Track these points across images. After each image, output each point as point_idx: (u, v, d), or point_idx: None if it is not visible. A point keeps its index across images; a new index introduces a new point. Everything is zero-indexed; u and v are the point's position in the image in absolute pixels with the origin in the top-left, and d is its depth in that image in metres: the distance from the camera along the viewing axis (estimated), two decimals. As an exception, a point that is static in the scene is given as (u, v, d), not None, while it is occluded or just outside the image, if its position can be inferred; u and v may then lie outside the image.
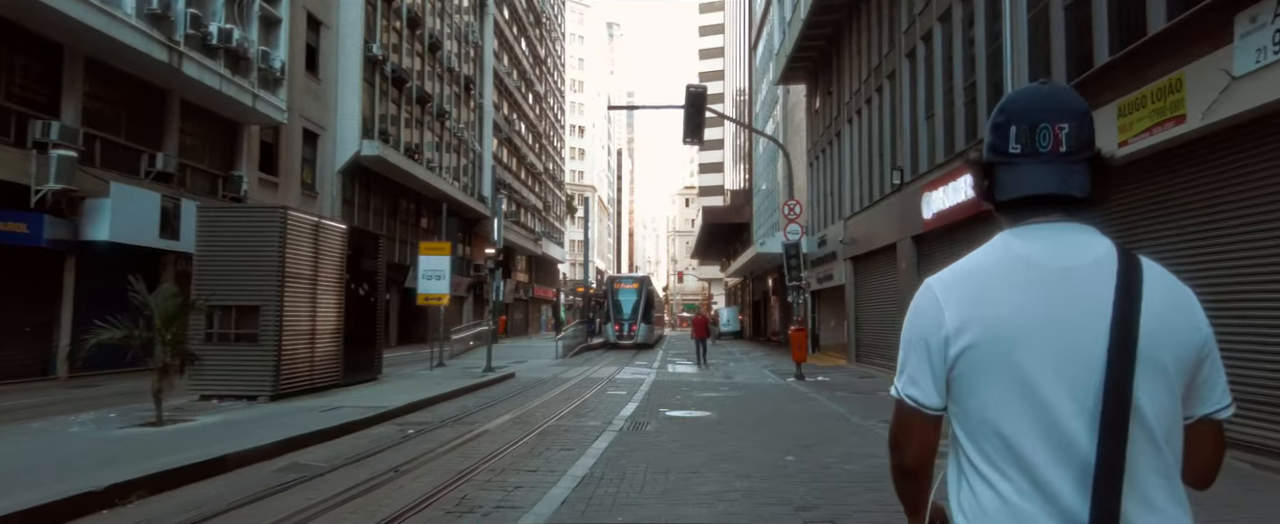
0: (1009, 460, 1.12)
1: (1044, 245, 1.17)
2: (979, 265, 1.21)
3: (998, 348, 1.13)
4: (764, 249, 27.92)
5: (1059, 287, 1.13)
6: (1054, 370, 1.10)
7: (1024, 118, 1.19)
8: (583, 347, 28.64)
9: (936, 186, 14.15)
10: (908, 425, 1.23)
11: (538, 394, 13.10)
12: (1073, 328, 1.11)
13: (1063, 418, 1.10)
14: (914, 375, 1.21)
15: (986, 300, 1.15)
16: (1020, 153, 1.18)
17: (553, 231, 64.03)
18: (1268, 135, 6.40)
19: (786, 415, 10.24)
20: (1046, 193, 1.17)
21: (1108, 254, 1.16)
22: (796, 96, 31.04)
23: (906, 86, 16.45)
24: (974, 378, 1.15)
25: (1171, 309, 1.12)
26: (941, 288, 1.21)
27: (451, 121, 35.58)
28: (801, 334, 16.41)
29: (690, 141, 16.01)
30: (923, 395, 1.20)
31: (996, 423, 1.13)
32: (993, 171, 1.23)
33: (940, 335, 1.17)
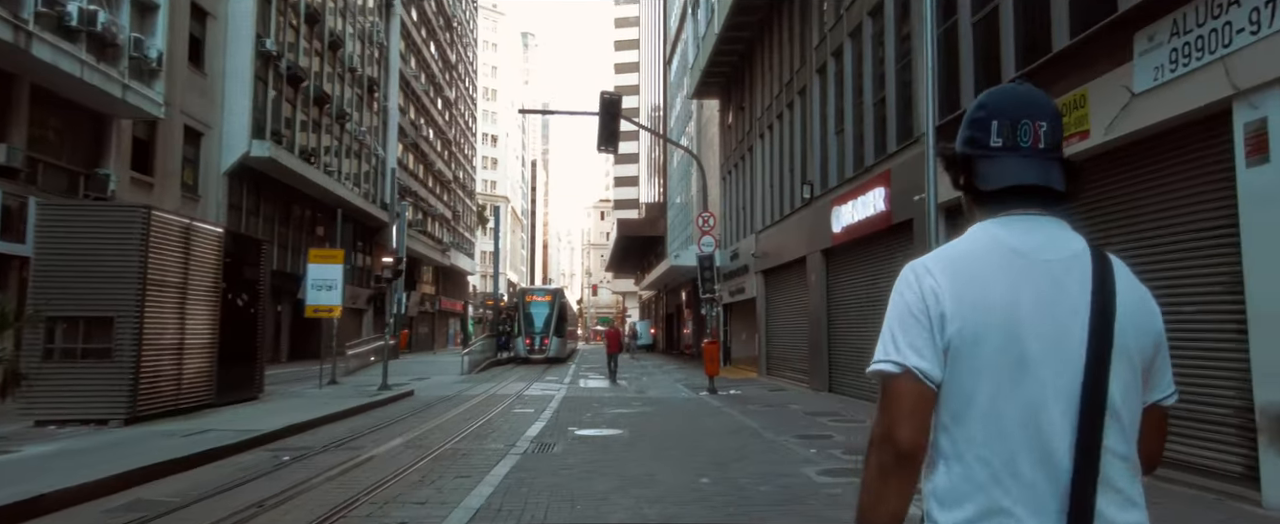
0: (988, 444, 1.12)
1: (1028, 236, 1.19)
2: (968, 251, 1.20)
3: (988, 331, 1.13)
4: (678, 262, 27.82)
5: (1044, 276, 1.15)
6: (1036, 358, 1.12)
7: (1006, 114, 1.21)
8: (491, 362, 27.60)
9: (846, 201, 14.28)
10: (907, 403, 1.14)
11: (437, 414, 12.24)
12: (1056, 317, 1.13)
13: (1044, 402, 1.11)
14: (918, 346, 1.15)
15: (978, 284, 1.15)
16: (1002, 147, 1.21)
17: (462, 242, 62.18)
18: (1166, 150, 6.54)
19: (700, 432, 9.87)
20: (1031, 184, 1.19)
21: (1083, 249, 1.19)
22: (710, 112, 31.27)
23: (817, 102, 16.65)
24: (963, 359, 1.14)
25: (1137, 303, 1.17)
26: (937, 266, 1.19)
27: (352, 124, 33.87)
28: (714, 347, 16.21)
29: (605, 149, 15.60)
30: (929, 366, 1.14)
31: (980, 406, 1.13)
32: (971, 164, 1.24)
33: (938, 311, 1.15)
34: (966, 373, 1.14)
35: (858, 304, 14.13)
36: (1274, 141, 5.37)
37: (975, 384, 1.13)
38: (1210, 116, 5.94)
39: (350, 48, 33.70)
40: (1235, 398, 5.82)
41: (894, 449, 1.13)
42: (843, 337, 15.04)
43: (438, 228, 51.80)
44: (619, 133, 15.59)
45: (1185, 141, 6.32)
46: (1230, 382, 5.86)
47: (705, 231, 17.31)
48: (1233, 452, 5.85)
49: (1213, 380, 6.04)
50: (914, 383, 1.14)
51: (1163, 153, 6.57)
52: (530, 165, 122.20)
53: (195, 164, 22.00)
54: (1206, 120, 6.00)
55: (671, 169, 43.78)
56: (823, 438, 9.25)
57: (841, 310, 15.13)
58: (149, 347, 9.40)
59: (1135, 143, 6.80)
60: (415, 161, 46.12)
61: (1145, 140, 6.69)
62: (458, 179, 60.12)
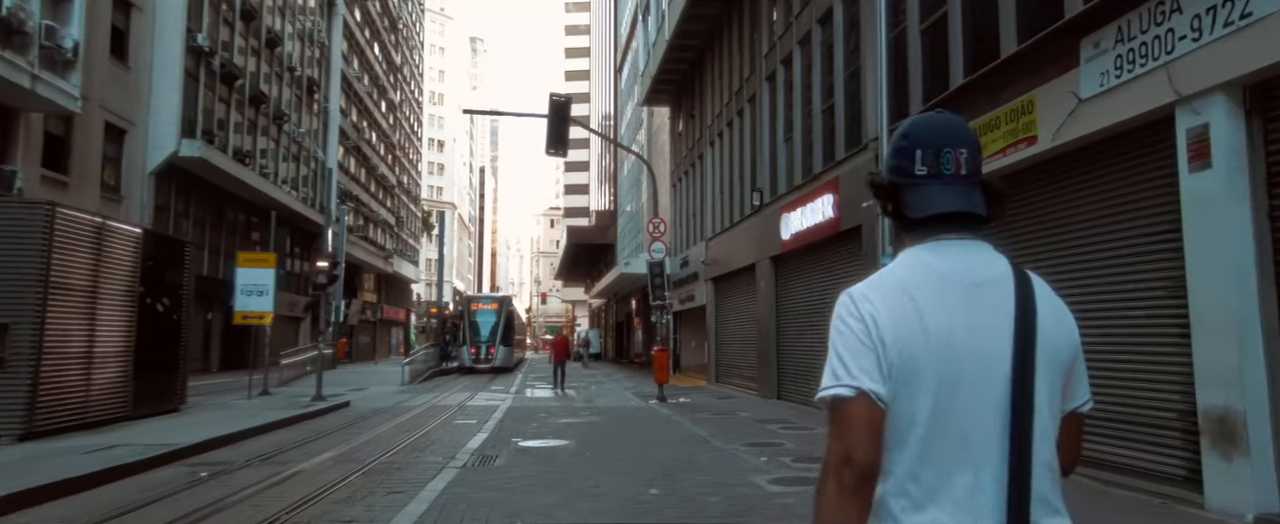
0: (925, 466, 1.16)
1: (956, 262, 1.24)
2: (901, 278, 1.24)
3: (927, 355, 1.17)
4: (628, 269, 27.58)
5: (970, 300, 1.20)
6: (973, 377, 1.16)
7: (929, 143, 1.26)
8: (434, 371, 26.81)
9: (795, 207, 14.27)
10: (865, 422, 1.16)
11: (373, 425, 11.67)
12: (984, 338, 1.18)
13: (979, 421, 1.16)
14: (868, 369, 1.18)
15: (912, 310, 1.19)
16: (926, 175, 1.25)
17: (407, 249, 60.71)
18: (1112, 156, 6.60)
19: (649, 441, 9.61)
20: (955, 211, 1.24)
21: (1006, 270, 1.24)
22: (660, 119, 31.22)
23: (766, 109, 16.67)
24: (902, 385, 1.17)
25: (1056, 318, 1.23)
26: (874, 294, 1.22)
27: (290, 126, 32.65)
28: (664, 355, 15.99)
29: (553, 152, 15.26)
30: (881, 388, 1.17)
31: (917, 429, 1.16)
32: (898, 192, 1.29)
33: (878, 337, 1.18)
34: (906, 397, 1.17)
35: (807, 311, 14.11)
36: (1215, 147, 5.43)
37: (914, 407, 1.17)
38: (1154, 122, 6.00)
39: (289, 47, 32.55)
40: (1179, 402, 5.85)
41: (855, 471, 1.15)
42: (792, 344, 15.01)
43: (380, 234, 50.42)
44: (568, 136, 15.27)
45: (1130, 147, 6.37)
46: (1174, 386, 5.90)
47: (656, 238, 17.11)
48: (1177, 455, 5.87)
49: (1157, 385, 6.08)
50: (868, 405, 1.17)
51: (1109, 158, 6.63)
52: (478, 172, 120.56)
53: (117, 163, 20.78)
54: (1150, 126, 6.06)
55: (622, 176, 43.61)
56: (772, 445, 9.09)
57: (791, 317, 15.11)
58: (50, 355, 8.65)
59: (1083, 148, 6.85)
60: (357, 165, 44.83)
61: (1092, 146, 6.74)
62: (402, 184, 58.74)
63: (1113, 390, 6.51)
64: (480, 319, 29.79)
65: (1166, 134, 5.86)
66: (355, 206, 43.82)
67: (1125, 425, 6.39)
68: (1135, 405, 6.30)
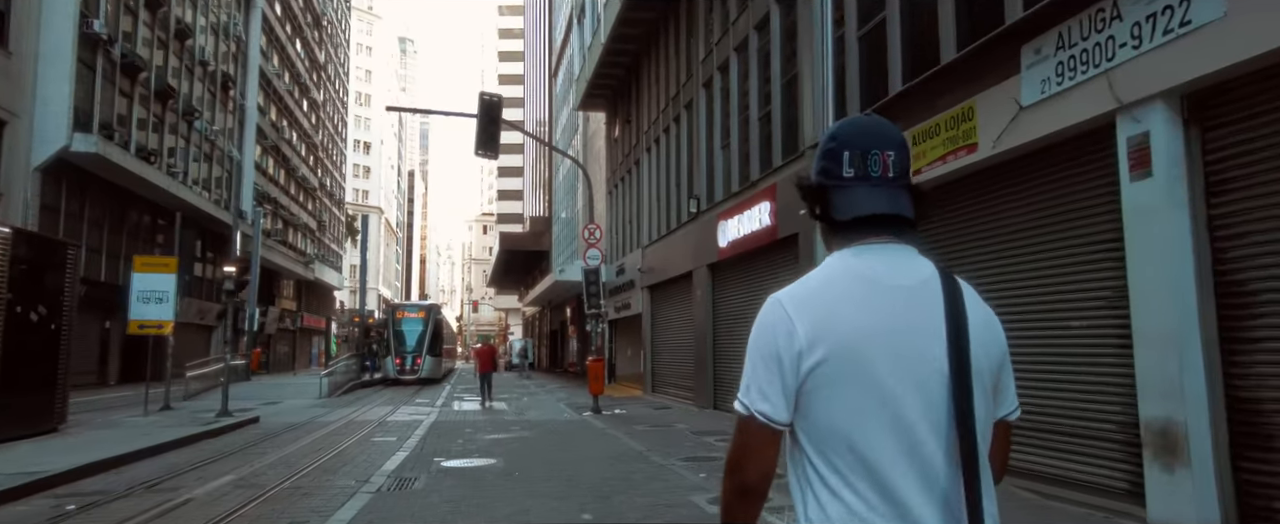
0: (857, 472, 1.14)
1: (881, 265, 1.22)
2: (824, 282, 1.22)
3: (850, 361, 1.15)
4: (563, 277, 27.01)
5: (898, 303, 1.18)
6: (899, 382, 1.14)
7: (856, 145, 1.25)
8: (355, 383, 25.52)
9: (732, 215, 14.09)
10: (753, 442, 1.19)
11: (282, 444, 10.78)
12: (913, 341, 1.16)
13: (910, 427, 1.14)
14: (764, 390, 1.18)
15: (837, 315, 1.18)
16: (853, 177, 1.24)
17: (329, 255, 58.26)
18: (1054, 164, 6.55)
19: (582, 458, 9.12)
20: (881, 213, 1.22)
21: (933, 273, 1.23)
22: (596, 125, 30.82)
23: (703, 115, 16.48)
24: (826, 390, 1.16)
25: (984, 323, 1.22)
26: (792, 303, 1.20)
27: (202, 123, 30.74)
28: (599, 365, 15.53)
29: (483, 153, 14.63)
30: (773, 410, 1.18)
31: (847, 434, 1.15)
32: (825, 195, 1.27)
33: (794, 349, 1.17)
34: (828, 404, 1.16)
35: (743, 319, 13.91)
36: (1156, 156, 5.38)
37: (839, 415, 1.15)
38: (1095, 130, 5.95)
39: (201, 39, 30.67)
40: (1120, 413, 5.79)
41: (741, 481, 1.21)
42: (728, 352, 14.79)
43: (301, 238, 48.17)
44: (499, 137, 14.68)
45: (1072, 155, 6.32)
46: (1116, 397, 5.83)
47: (591, 244, 16.66)
48: (1119, 468, 5.81)
49: (1100, 396, 6.01)
50: (759, 426, 1.17)
51: (1050, 166, 6.57)
52: (407, 176, 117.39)
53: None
54: (1092, 134, 6.01)
55: (557, 182, 42.96)
56: (711, 460, 8.76)
57: (727, 325, 14.89)
58: (-105, 374, 7.54)
59: (1024, 156, 6.79)
60: (276, 166, 42.68)
61: (1033, 153, 6.68)
62: (324, 186, 56.38)
63: (1053, 402, 6.43)
64: (406, 328, 28.59)
65: (1108, 142, 5.81)
66: (273, 209, 41.68)
67: (1066, 437, 6.31)
68: (1076, 417, 6.23)
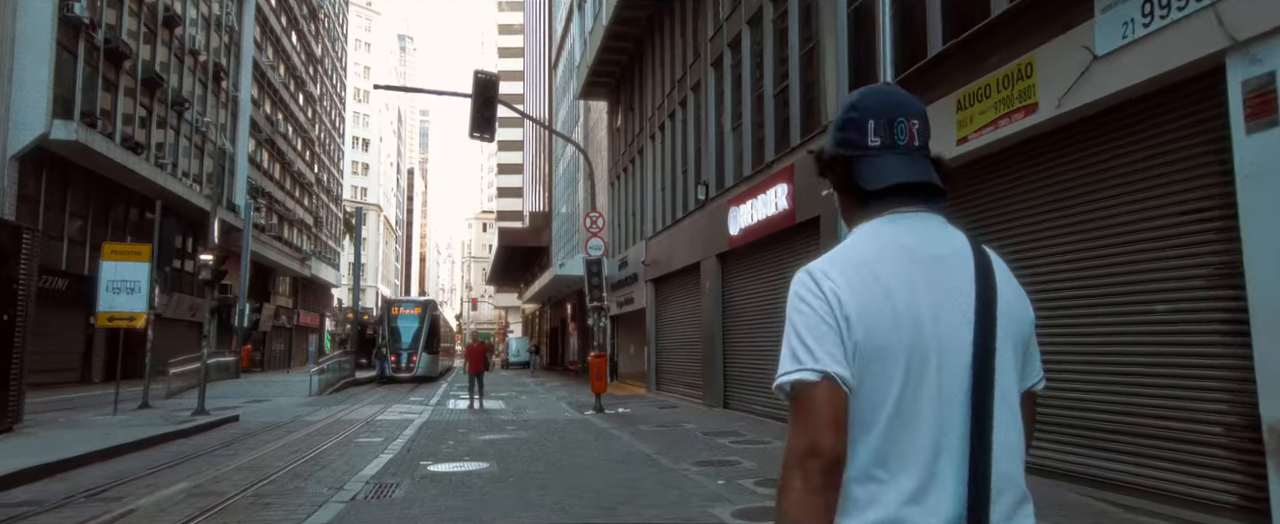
0: (893, 449, 1.11)
1: (917, 235, 1.19)
2: (863, 251, 1.18)
3: (894, 332, 1.11)
4: (563, 271, 26.10)
5: (934, 273, 1.16)
6: (940, 352, 1.12)
7: (881, 113, 1.22)
8: (347, 381, 24.59)
9: (744, 200, 13.17)
10: (831, 408, 1.08)
11: (256, 445, 9.86)
12: (950, 311, 1.14)
13: (944, 399, 1.11)
14: (833, 352, 1.10)
15: (879, 285, 1.13)
16: (879, 145, 1.21)
17: (326, 251, 57.34)
18: (1136, 121, 5.62)
19: (584, 462, 8.20)
20: (914, 181, 1.20)
21: (964, 243, 1.21)
22: (598, 115, 29.91)
23: (712, 97, 15.55)
24: (870, 363, 1.11)
25: (1013, 294, 1.20)
26: (834, 270, 1.15)
27: (192, 114, 29.83)
28: (601, 362, 14.60)
29: (479, 135, 13.71)
30: (847, 372, 1.09)
31: (888, 408, 1.11)
32: (849, 165, 1.23)
33: (842, 316, 1.11)
34: (873, 377, 1.11)
35: (757, 311, 12.99)
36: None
37: (883, 388, 1.11)
38: (1196, 77, 5.03)
39: (192, 28, 29.75)
40: (1230, 413, 4.86)
41: (822, 462, 1.07)
42: (739, 348, 13.86)
43: (297, 234, 47.24)
44: (495, 118, 13.76)
45: (1162, 109, 5.40)
46: (1222, 393, 4.91)
47: (593, 234, 15.74)
48: (1227, 478, 4.88)
49: (1199, 392, 5.09)
50: (833, 389, 1.09)
51: (1131, 124, 5.65)
52: (407, 173, 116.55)
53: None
54: (1192, 81, 5.09)
55: (557, 177, 42.06)
56: (728, 464, 7.84)
57: (738, 318, 13.97)
58: None
59: (1097, 115, 5.87)
60: (271, 160, 41.74)
61: (1109, 110, 5.76)
62: (321, 182, 55.45)
63: (1134, 399, 5.51)
64: (401, 324, 27.66)
65: (1213, 90, 4.89)
66: (268, 204, 40.77)
67: (1152, 442, 5.39)
68: (1166, 418, 5.30)
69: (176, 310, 29.88)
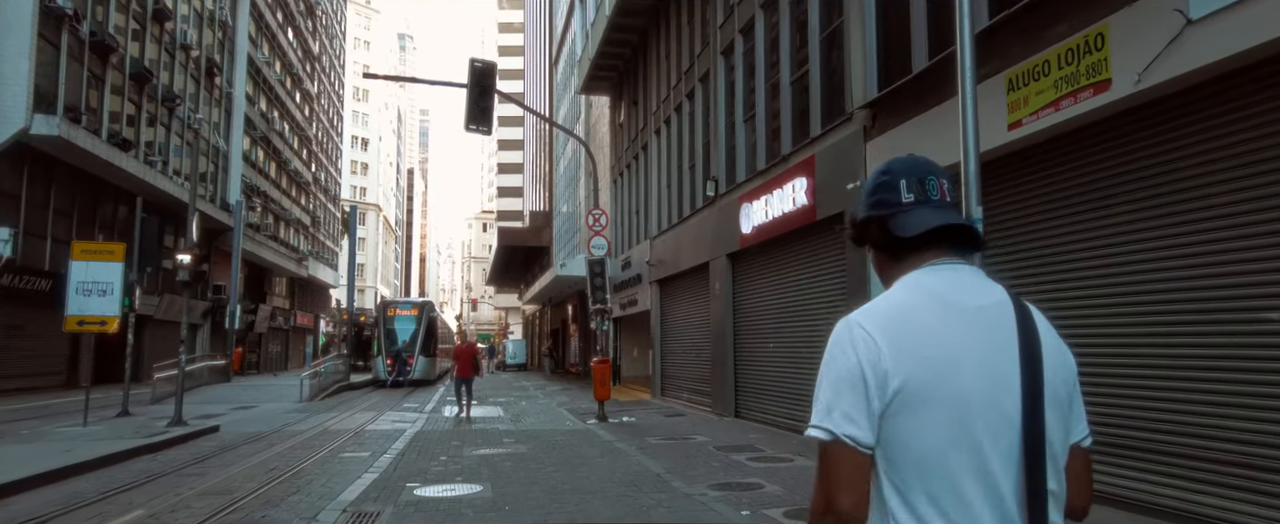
0: (941, 497, 1.11)
1: (957, 286, 1.20)
2: (902, 303, 1.19)
3: (936, 383, 1.12)
4: (564, 271, 25.27)
5: (976, 324, 1.16)
6: (984, 404, 1.12)
7: (912, 174, 1.26)
8: (341, 385, 23.78)
9: (758, 196, 12.35)
10: (845, 470, 1.12)
11: (232, 461, 9.05)
12: (994, 363, 1.14)
13: (990, 451, 1.11)
14: (849, 413, 1.13)
15: (921, 337, 1.14)
16: (913, 201, 1.24)
17: (324, 252, 56.55)
18: (1241, 95, 4.80)
19: (589, 485, 7.39)
20: (954, 224, 1.22)
21: (1004, 296, 1.21)
22: (600, 110, 29.10)
23: (722, 87, 14.74)
24: (912, 414, 1.12)
25: (1056, 348, 1.19)
26: (873, 323, 1.17)
27: (184, 110, 29.05)
28: (605, 367, 13.78)
29: (475, 127, 12.89)
30: (861, 433, 1.12)
31: (930, 459, 1.11)
32: (883, 223, 1.26)
33: (880, 370, 1.13)
34: (914, 428, 1.11)
35: (773, 314, 12.17)
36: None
37: (925, 439, 1.11)
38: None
39: (184, 24, 28.96)
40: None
41: (837, 518, 1.11)
42: (752, 353, 13.04)
43: (293, 234, 46.47)
44: (492, 109, 12.94)
45: (1273, 81, 4.58)
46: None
47: (596, 232, 14.93)
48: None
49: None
50: (849, 451, 1.12)
51: (1236, 99, 4.83)
52: (407, 173, 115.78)
53: (-57, 139, 17.25)
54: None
55: (558, 175, 41.27)
56: (750, 488, 7.02)
57: (751, 322, 13.15)
58: None
59: (1187, 90, 5.05)
60: (267, 158, 40.95)
61: (1205, 84, 4.95)
62: (319, 181, 54.66)
63: (1249, 425, 4.69)
64: (397, 326, 26.83)
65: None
66: (264, 203, 39.99)
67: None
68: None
69: (169, 312, 29.11)
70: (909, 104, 8.16)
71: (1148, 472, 5.29)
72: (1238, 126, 4.82)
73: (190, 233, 12.43)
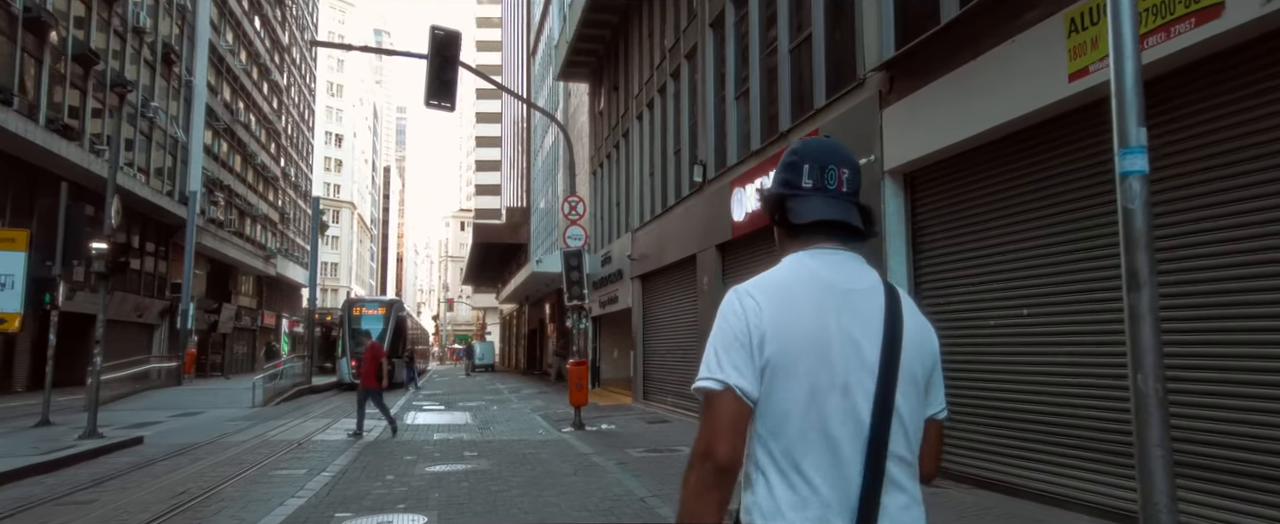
0: (803, 457, 1.21)
1: (834, 268, 1.30)
2: (785, 278, 1.30)
3: (804, 351, 1.21)
4: (541, 267, 23.94)
5: (847, 305, 1.26)
6: (845, 374, 1.22)
7: (816, 160, 1.35)
8: (301, 388, 22.23)
9: (753, 178, 11.14)
10: (727, 420, 1.21)
11: (140, 482, 7.64)
12: (857, 338, 1.24)
13: (842, 420, 1.21)
14: (739, 366, 1.22)
15: (795, 309, 1.24)
16: (811, 188, 1.34)
17: (295, 250, 54.63)
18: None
19: (558, 511, 6.10)
20: (836, 219, 1.31)
21: (877, 282, 1.32)
22: (578, 100, 27.81)
23: (711, 63, 13.51)
24: (782, 378, 1.21)
25: (920, 330, 1.31)
26: (759, 292, 1.26)
27: (136, 97, 27.32)
28: (583, 369, 12.48)
29: (436, 104, 11.52)
30: (749, 385, 1.22)
31: (789, 423, 1.21)
32: (784, 203, 1.35)
33: (759, 334, 1.22)
34: (783, 391, 1.21)
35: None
36: None
37: (790, 401, 1.21)
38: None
39: (136, 6, 27.21)
40: None
41: (714, 464, 1.18)
42: (744, 354, 11.80)
43: (260, 231, 44.61)
44: (455, 82, 11.59)
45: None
46: None
47: (573, 221, 13.63)
48: None
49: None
50: (734, 400, 1.20)
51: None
52: (382, 171, 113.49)
53: None
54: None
55: (536, 169, 39.88)
56: (753, 518, 5.76)
57: (743, 320, 11.91)
58: None
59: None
60: (231, 151, 39.11)
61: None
62: (288, 177, 52.75)
63: None
64: (364, 326, 25.30)
65: None
66: (227, 197, 38.18)
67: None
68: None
69: (121, 311, 27.38)
70: (934, 63, 6.99)
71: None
72: None
73: (108, 216, 10.94)
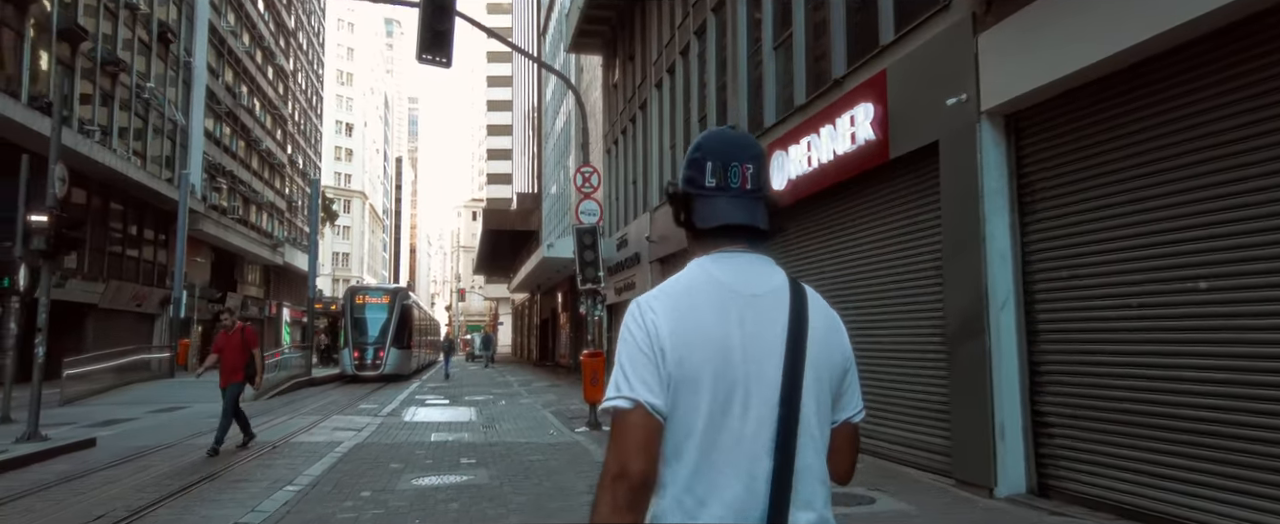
0: (701, 477, 1.18)
1: (737, 273, 1.28)
2: (685, 286, 1.27)
3: (705, 363, 1.19)
4: (552, 252, 22.49)
5: (750, 310, 1.24)
6: (748, 385, 1.20)
7: (718, 157, 1.31)
8: (300, 380, 20.91)
9: (795, 139, 9.55)
10: (640, 436, 1.17)
11: (60, 499, 6.23)
12: (762, 347, 1.22)
13: (747, 429, 1.19)
14: (648, 381, 1.19)
15: (695, 319, 1.22)
16: (714, 187, 1.30)
17: (303, 239, 53.45)
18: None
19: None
20: (739, 223, 1.28)
21: (783, 283, 1.30)
22: (591, 75, 26.24)
23: (744, 11, 11.89)
24: (686, 392, 1.19)
25: (828, 331, 1.29)
26: (659, 304, 1.24)
27: (130, 78, 26.06)
28: (598, 362, 10.98)
29: (429, 58, 9.99)
30: (659, 401, 1.19)
31: (695, 438, 1.18)
32: (690, 203, 1.33)
33: (660, 347, 1.20)
34: (686, 406, 1.19)
35: (821, 288, 9.35)
36: None
37: (693, 416, 1.18)
38: None
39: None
40: None
41: (628, 483, 1.14)
42: (785, 343, 10.25)
43: (266, 219, 43.47)
44: (450, 34, 10.06)
45: None
46: None
47: (586, 195, 12.10)
48: None
49: None
50: (645, 417, 1.17)
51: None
52: (394, 161, 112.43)
53: None
54: None
55: (547, 153, 38.40)
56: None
57: (783, 304, 10.34)
58: None
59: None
60: (233, 136, 37.88)
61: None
62: (295, 164, 51.55)
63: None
64: (367, 315, 23.94)
65: None
66: (230, 184, 37.00)
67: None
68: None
69: (118, 299, 26.25)
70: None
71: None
72: None
73: (52, 184, 9.52)
